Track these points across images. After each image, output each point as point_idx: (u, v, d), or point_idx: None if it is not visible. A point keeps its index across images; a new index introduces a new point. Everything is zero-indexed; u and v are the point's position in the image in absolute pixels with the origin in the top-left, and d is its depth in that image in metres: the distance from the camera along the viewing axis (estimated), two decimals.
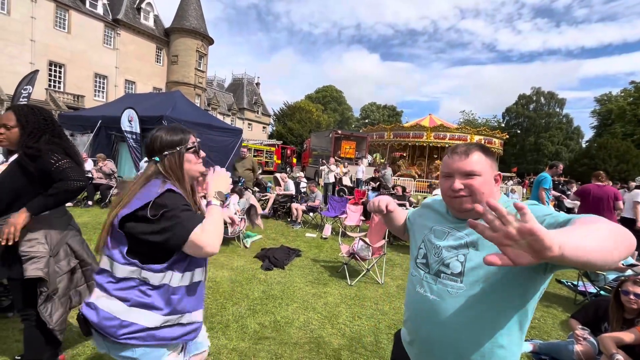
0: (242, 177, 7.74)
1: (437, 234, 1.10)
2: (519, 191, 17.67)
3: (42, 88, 22.72)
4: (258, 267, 4.47)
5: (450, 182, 1.02)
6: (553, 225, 0.86)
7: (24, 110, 1.81)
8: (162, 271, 1.14)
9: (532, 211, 0.85)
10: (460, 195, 1.00)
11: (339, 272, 4.48)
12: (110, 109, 10.84)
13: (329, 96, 60.48)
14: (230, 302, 3.34)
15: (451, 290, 1.00)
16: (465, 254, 0.99)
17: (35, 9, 22.86)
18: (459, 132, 21.32)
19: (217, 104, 39.56)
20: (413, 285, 1.13)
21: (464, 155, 1.02)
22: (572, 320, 2.87)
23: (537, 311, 3.74)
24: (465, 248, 1.00)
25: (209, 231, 1.10)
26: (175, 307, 1.17)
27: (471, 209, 1.00)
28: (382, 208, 1.29)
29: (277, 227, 7.16)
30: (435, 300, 1.02)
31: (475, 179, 0.99)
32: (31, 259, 1.75)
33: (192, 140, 1.29)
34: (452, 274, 1.00)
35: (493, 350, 0.96)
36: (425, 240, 1.13)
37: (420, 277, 1.10)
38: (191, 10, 32.78)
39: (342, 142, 18.94)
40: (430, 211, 1.21)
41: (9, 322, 2.64)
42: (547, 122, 49.71)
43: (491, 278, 0.94)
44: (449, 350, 1.00)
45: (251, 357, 2.47)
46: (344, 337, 2.85)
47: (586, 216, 0.78)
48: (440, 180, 1.10)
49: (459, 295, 0.98)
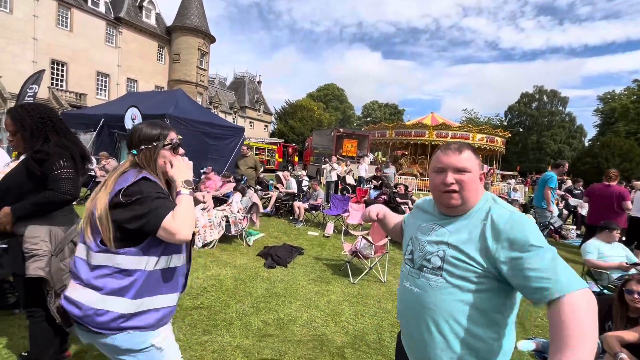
0: (244, 175, 7.75)
1: (423, 230, 1.15)
2: (521, 190, 17.61)
3: (44, 86, 22.74)
4: (261, 265, 4.48)
5: (442, 177, 1.07)
6: (523, 269, 0.90)
7: (18, 113, 1.80)
8: (137, 255, 1.16)
9: (523, 231, 0.95)
10: (450, 190, 1.05)
11: (342, 270, 4.49)
12: (113, 108, 10.87)
13: (331, 94, 60.39)
14: (233, 300, 3.35)
15: (432, 284, 1.04)
16: (444, 250, 1.04)
17: (38, 7, 22.91)
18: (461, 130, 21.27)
19: (218, 102, 39.58)
20: (402, 280, 1.20)
21: (457, 152, 1.07)
22: None
23: (541, 309, 3.74)
24: (445, 244, 1.05)
25: (181, 218, 1.13)
26: (150, 292, 1.18)
27: (458, 205, 1.05)
28: (372, 217, 1.45)
29: (279, 225, 7.17)
30: (418, 293, 1.08)
31: (465, 175, 1.05)
32: (33, 257, 1.76)
33: (171, 137, 1.31)
34: (433, 268, 1.05)
35: (470, 342, 0.99)
36: (412, 237, 1.19)
37: (407, 272, 1.16)
38: (193, 8, 32.75)
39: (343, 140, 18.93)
40: (420, 211, 1.27)
41: (15, 319, 2.66)
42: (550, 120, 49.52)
43: (468, 274, 0.99)
44: (432, 342, 1.04)
45: (255, 354, 2.48)
46: (347, 335, 2.86)
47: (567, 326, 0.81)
48: (432, 175, 1.13)
49: (440, 288, 1.02)
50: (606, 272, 3.88)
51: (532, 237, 0.93)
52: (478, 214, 1.05)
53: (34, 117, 1.79)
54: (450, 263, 1.02)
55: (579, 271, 5.00)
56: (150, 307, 1.19)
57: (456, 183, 1.05)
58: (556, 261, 0.90)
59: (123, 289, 1.14)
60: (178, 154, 1.32)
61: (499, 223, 0.98)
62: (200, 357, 2.39)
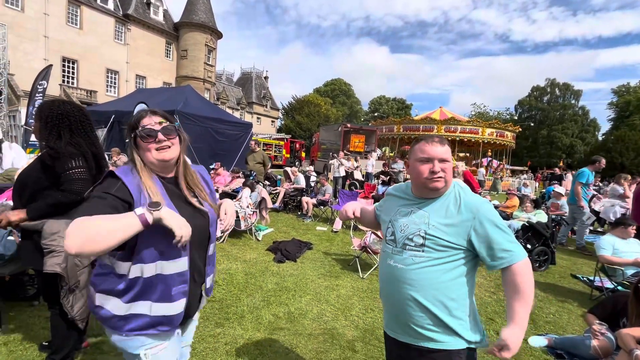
0: (253, 170, 7.80)
1: (403, 213, 1.32)
2: (531, 185, 17.34)
3: (56, 84, 23.16)
4: (270, 259, 4.52)
5: (430, 166, 1.23)
6: (490, 242, 1.18)
7: (42, 106, 1.88)
8: (123, 259, 1.09)
9: (488, 211, 1.21)
10: (438, 177, 1.22)
11: (351, 265, 4.50)
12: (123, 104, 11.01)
13: (338, 89, 60.05)
14: (244, 294, 3.40)
15: (415, 259, 1.22)
16: (425, 229, 1.22)
17: (48, 5, 23.20)
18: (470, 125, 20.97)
19: (226, 98, 39.73)
20: (384, 260, 1.34)
21: (441, 144, 1.25)
22: (589, 315, 2.84)
23: (552, 306, 3.70)
24: (425, 224, 1.23)
25: (81, 228, 0.92)
26: (140, 298, 1.11)
27: (441, 188, 1.25)
28: (349, 215, 1.60)
29: (287, 220, 7.22)
30: (402, 268, 1.24)
31: (447, 164, 1.25)
32: (51, 252, 1.81)
33: (144, 124, 1.14)
34: (415, 245, 1.23)
35: (447, 303, 1.20)
36: (392, 220, 1.34)
37: (390, 252, 1.31)
38: (200, 4, 32.80)
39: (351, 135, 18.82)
40: (394, 197, 1.44)
41: (35, 310, 2.74)
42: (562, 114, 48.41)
43: (446, 248, 1.20)
44: (415, 308, 1.22)
45: (267, 347, 2.52)
46: (357, 329, 2.88)
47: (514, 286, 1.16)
48: (416, 164, 1.27)
49: (421, 262, 1.21)
50: (620, 269, 3.82)
51: (496, 218, 1.20)
52: (452, 197, 1.25)
53: (53, 112, 1.84)
54: (431, 240, 1.20)
55: (591, 268, 4.93)
56: (140, 312, 1.12)
57: (441, 170, 1.23)
58: (512, 238, 1.20)
59: (114, 290, 1.11)
60: (151, 142, 1.13)
61: (469, 204, 1.22)
62: (213, 349, 2.43)
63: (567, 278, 4.74)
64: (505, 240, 1.17)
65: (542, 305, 3.68)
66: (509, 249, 1.16)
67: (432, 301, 1.20)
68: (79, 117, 1.90)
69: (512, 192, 8.22)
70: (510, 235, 1.20)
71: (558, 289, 4.30)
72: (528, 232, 5.09)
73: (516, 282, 1.15)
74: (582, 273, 4.99)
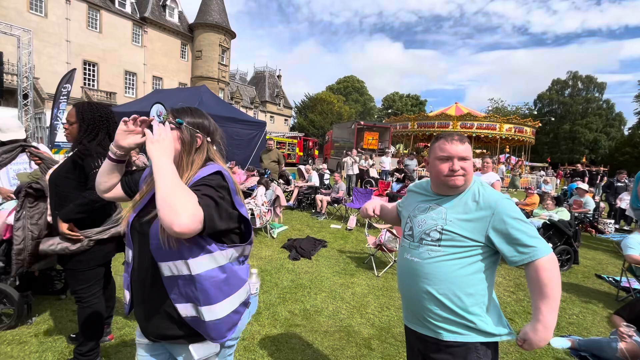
0: (267, 169, 7.86)
1: (421, 209, 1.34)
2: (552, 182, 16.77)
3: (77, 87, 23.99)
4: (285, 257, 4.56)
5: (449, 164, 1.24)
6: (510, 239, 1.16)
7: (83, 107, 1.94)
8: None
9: (508, 207, 1.18)
10: (458, 175, 1.23)
11: (366, 263, 4.49)
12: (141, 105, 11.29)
13: (351, 87, 59.64)
14: (260, 290, 3.44)
15: (431, 253, 1.23)
16: (442, 225, 1.23)
17: (70, 10, 24.02)
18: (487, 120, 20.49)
19: (239, 97, 40.16)
20: (402, 254, 1.37)
21: (461, 142, 1.25)
22: (616, 317, 2.73)
23: (575, 307, 3.59)
24: (443, 220, 1.24)
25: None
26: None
27: (461, 185, 1.25)
28: (370, 213, 1.63)
29: (302, 218, 7.25)
30: (418, 262, 1.26)
31: (467, 162, 1.25)
32: None
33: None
34: (432, 240, 1.24)
35: (463, 298, 1.20)
36: (411, 215, 1.37)
37: (407, 246, 1.33)
38: (213, 4, 33.22)
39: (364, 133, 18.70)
40: (414, 194, 1.46)
41: (62, 303, 2.87)
42: (585, 108, 46.58)
43: (463, 244, 1.20)
44: (431, 302, 1.23)
45: (284, 343, 2.54)
46: (373, 327, 2.87)
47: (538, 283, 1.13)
48: (436, 162, 1.28)
49: (437, 256, 1.22)
50: None
51: (516, 213, 1.18)
52: (470, 193, 1.25)
53: (95, 114, 1.92)
54: (448, 235, 1.21)
55: (617, 268, 4.73)
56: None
57: (460, 169, 1.23)
58: (534, 232, 1.17)
59: None
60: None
61: (488, 200, 1.21)
62: None
63: (592, 278, 4.57)
64: (527, 235, 1.15)
65: (564, 306, 3.56)
66: (532, 244, 1.14)
67: (447, 295, 1.20)
68: (115, 121, 1.98)
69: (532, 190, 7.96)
70: (532, 230, 1.17)
71: (582, 289, 4.15)
72: (549, 231, 4.93)
73: (539, 278, 1.12)
74: (607, 273, 4.81)
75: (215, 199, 0.98)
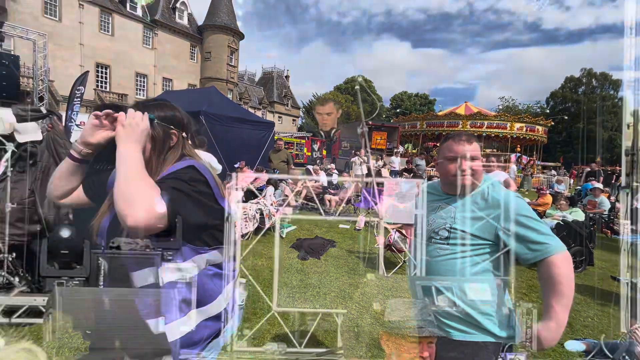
0: (276, 169, 7.90)
1: (431, 208, 1.34)
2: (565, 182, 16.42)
3: (90, 89, 24.51)
4: (294, 256, 4.58)
5: (457, 164, 1.25)
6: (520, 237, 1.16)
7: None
8: None
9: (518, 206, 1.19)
10: (466, 174, 1.24)
11: (375, 263, 4.47)
12: None
13: None
14: (270, 290, 3.46)
15: (439, 251, 1.25)
16: (451, 224, 1.25)
17: (83, 14, 24.57)
18: (497, 119, 20.21)
19: (248, 98, 40.46)
20: (411, 252, 1.39)
21: (468, 143, 1.26)
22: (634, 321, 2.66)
23: (590, 309, 3.51)
24: (451, 219, 1.25)
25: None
26: None
27: (469, 185, 1.26)
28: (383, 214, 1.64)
29: (310, 218, 7.26)
30: (427, 260, 1.27)
31: (476, 162, 1.25)
32: None
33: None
34: (440, 238, 1.26)
35: (471, 295, 1.19)
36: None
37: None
38: (222, 6, 33.54)
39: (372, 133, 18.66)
40: (426, 194, 1.45)
41: None
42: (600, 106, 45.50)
43: (471, 242, 1.21)
44: (437, 295, 1.22)
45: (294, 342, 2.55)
46: (383, 327, 2.86)
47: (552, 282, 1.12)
48: (444, 162, 1.29)
49: (445, 254, 1.24)
50: None
51: (527, 211, 1.19)
52: (480, 192, 1.26)
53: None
54: (456, 234, 1.22)
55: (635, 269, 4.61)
56: None
57: (469, 169, 1.25)
58: (546, 230, 1.17)
59: None
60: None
61: (497, 199, 1.21)
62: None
63: (607, 280, 4.47)
64: (538, 233, 1.15)
65: (579, 309, 3.49)
66: (543, 242, 1.14)
67: (456, 292, 1.20)
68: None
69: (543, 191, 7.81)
70: (544, 227, 1.17)
71: (597, 291, 4.06)
72: (563, 232, 4.84)
73: (551, 274, 1.11)
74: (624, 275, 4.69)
75: (187, 193, 0.90)
